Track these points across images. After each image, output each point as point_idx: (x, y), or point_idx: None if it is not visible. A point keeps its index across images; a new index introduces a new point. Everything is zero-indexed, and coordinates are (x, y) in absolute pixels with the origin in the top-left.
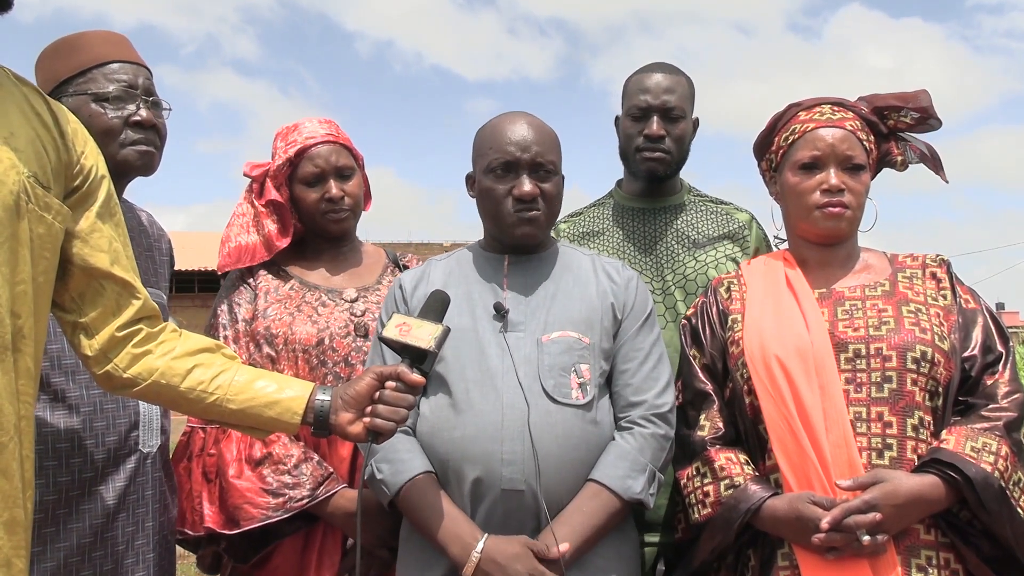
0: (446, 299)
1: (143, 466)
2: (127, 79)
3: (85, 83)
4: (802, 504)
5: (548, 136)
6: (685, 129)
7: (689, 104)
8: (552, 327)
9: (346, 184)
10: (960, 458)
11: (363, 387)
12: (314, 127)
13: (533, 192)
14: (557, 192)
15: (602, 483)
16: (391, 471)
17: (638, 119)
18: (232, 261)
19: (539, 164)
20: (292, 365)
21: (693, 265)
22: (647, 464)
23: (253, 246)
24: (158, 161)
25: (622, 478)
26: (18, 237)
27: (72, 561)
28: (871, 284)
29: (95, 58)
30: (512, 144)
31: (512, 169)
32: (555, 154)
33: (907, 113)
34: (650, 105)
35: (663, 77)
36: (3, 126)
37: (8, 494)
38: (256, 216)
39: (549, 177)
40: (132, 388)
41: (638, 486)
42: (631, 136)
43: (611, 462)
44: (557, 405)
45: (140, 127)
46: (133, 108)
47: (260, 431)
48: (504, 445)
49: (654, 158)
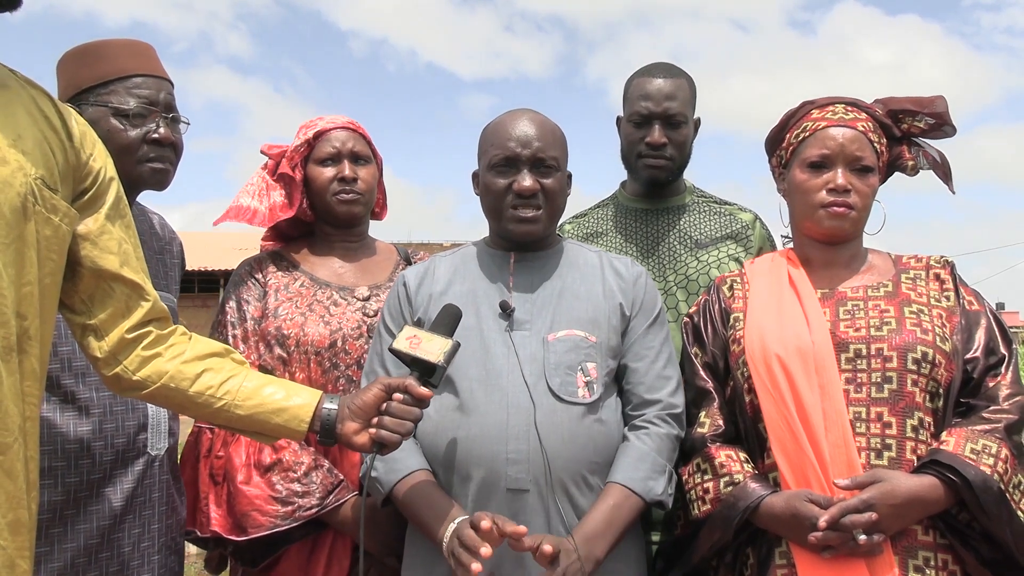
0: (458, 313)
1: (151, 468)
2: (148, 94)
3: (107, 95)
4: (799, 502)
5: (551, 132)
6: (687, 134)
7: (691, 108)
8: (558, 325)
9: (360, 169)
10: (959, 460)
11: (370, 397)
12: (335, 117)
13: (533, 187)
14: (559, 188)
15: (626, 486)
16: (385, 469)
17: (640, 125)
18: (230, 217)
19: (540, 160)
20: (304, 368)
21: (695, 265)
22: (665, 465)
23: (254, 210)
24: (171, 178)
25: (644, 480)
26: (25, 239)
27: (79, 562)
28: (874, 285)
29: (118, 70)
30: (513, 140)
31: (513, 165)
32: (557, 150)
33: (922, 118)
34: (652, 112)
35: (664, 82)
36: (10, 129)
37: (12, 495)
38: (265, 187)
39: (550, 173)
40: (141, 391)
41: (659, 487)
42: (633, 143)
43: (632, 464)
44: (563, 404)
45: (158, 144)
46: (152, 125)
47: (267, 437)
48: (509, 444)
49: (656, 165)
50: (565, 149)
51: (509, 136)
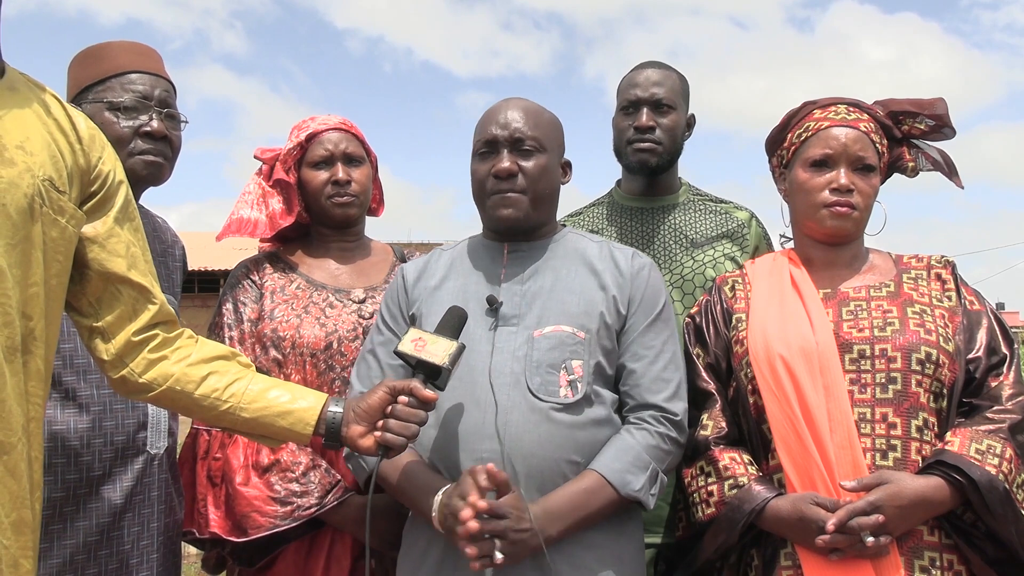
0: (463, 315)
1: (150, 467)
2: (142, 90)
3: (103, 91)
4: (805, 505)
5: (534, 115)
6: (676, 121)
7: (680, 98)
8: (546, 321)
9: (353, 171)
10: (965, 460)
11: (375, 400)
12: (327, 118)
13: (511, 168)
14: (540, 170)
15: (601, 474)
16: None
17: (629, 112)
18: (231, 231)
19: (518, 140)
20: (300, 369)
21: (690, 265)
22: (650, 463)
23: (255, 221)
24: (167, 172)
25: (620, 472)
26: (31, 240)
27: (78, 559)
28: (876, 285)
29: (115, 67)
30: (494, 124)
31: (493, 148)
32: (541, 131)
33: (922, 120)
34: (639, 98)
35: (652, 72)
36: (19, 131)
37: (16, 494)
38: (262, 195)
39: (531, 155)
40: (147, 393)
41: (637, 483)
42: (622, 130)
43: (613, 455)
44: (542, 403)
45: (150, 138)
46: (145, 119)
47: (272, 440)
48: (483, 444)
49: (644, 148)
50: (554, 133)
51: (491, 120)
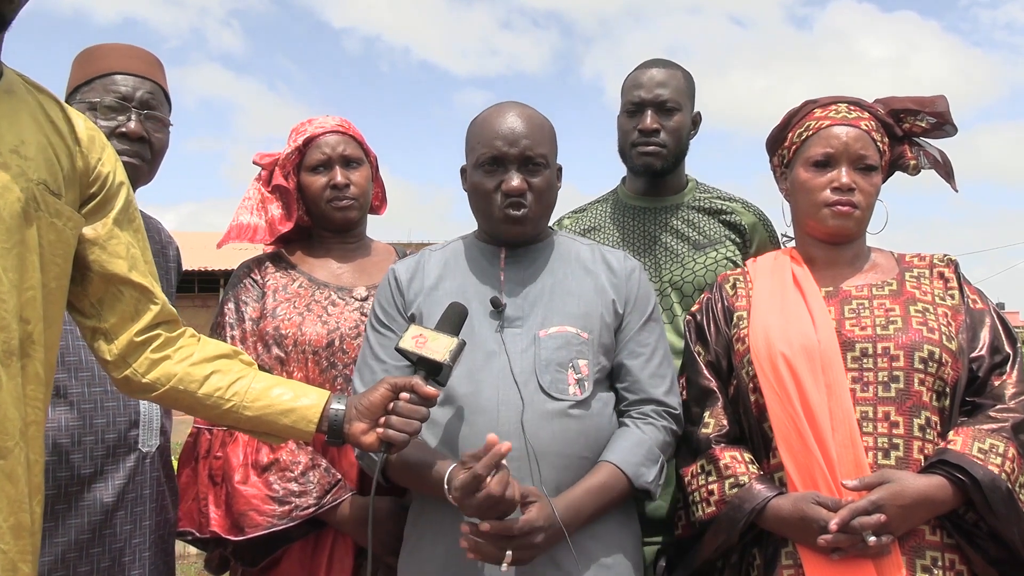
0: (464, 312)
1: (142, 465)
2: (124, 91)
3: (88, 92)
4: (807, 505)
5: (538, 127)
6: (681, 122)
7: (686, 98)
8: (550, 322)
9: (352, 173)
10: (967, 459)
11: (377, 397)
12: (324, 120)
13: (521, 187)
14: (548, 186)
15: (618, 466)
16: None
17: (633, 114)
18: (232, 238)
19: (528, 158)
20: (302, 367)
21: (692, 267)
22: (660, 456)
23: (254, 227)
24: (145, 173)
25: (637, 465)
26: (27, 243)
27: (70, 556)
28: (878, 283)
29: (102, 68)
30: (500, 138)
31: (500, 164)
32: (546, 147)
33: (923, 118)
34: (643, 100)
35: (657, 71)
36: (14, 134)
37: (14, 499)
38: (262, 200)
39: (539, 171)
40: (150, 393)
41: (651, 475)
42: (627, 132)
43: (629, 448)
44: (554, 401)
45: (126, 139)
46: (123, 119)
47: (275, 438)
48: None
49: (649, 152)
50: (554, 143)
51: (496, 133)
